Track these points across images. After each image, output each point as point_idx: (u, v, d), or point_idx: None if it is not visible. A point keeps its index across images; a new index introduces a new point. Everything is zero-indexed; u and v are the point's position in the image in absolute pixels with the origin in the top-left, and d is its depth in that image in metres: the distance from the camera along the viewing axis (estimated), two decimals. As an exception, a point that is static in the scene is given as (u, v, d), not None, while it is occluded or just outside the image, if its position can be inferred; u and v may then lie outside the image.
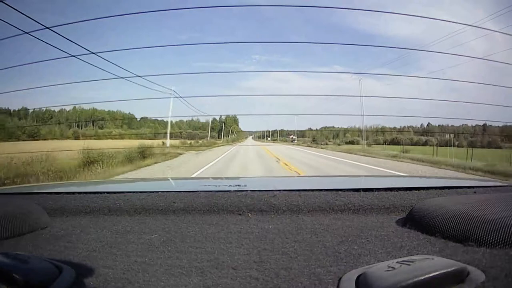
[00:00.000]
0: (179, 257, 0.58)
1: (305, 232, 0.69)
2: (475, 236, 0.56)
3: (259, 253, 0.59)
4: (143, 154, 12.32)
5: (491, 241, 0.54)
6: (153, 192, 0.94)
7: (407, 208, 0.78)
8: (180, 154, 15.68)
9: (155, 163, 11.91)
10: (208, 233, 0.70)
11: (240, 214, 0.82)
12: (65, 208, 0.88)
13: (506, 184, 1.17)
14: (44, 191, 1.02)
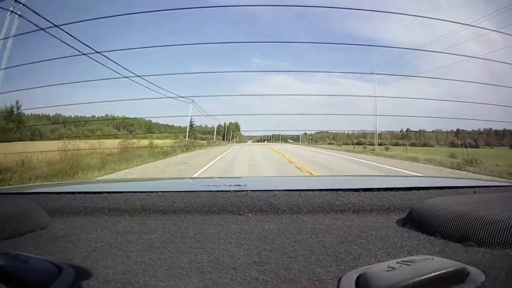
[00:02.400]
0: (179, 257, 0.58)
1: (305, 232, 0.69)
2: (475, 236, 0.56)
3: (259, 253, 0.59)
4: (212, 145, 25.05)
5: (491, 241, 0.54)
6: (153, 192, 0.94)
7: (407, 208, 0.78)
8: (225, 145, 28.13)
9: (225, 145, 25.48)
10: (208, 233, 0.70)
11: (240, 214, 0.82)
12: (65, 208, 0.87)
13: (506, 184, 1.17)
14: (44, 191, 1.02)
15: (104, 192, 0.95)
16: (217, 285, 0.48)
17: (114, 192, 0.95)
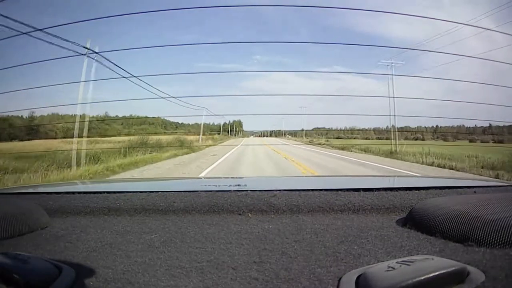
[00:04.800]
0: (179, 257, 0.58)
1: (305, 232, 0.69)
2: (475, 236, 0.56)
3: (259, 253, 0.59)
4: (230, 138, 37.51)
5: (491, 241, 0.54)
6: (153, 192, 0.94)
7: (407, 208, 0.78)
8: (238, 138, 36.56)
9: (237, 138, 39.78)
10: (208, 233, 0.70)
11: (240, 214, 0.82)
12: (65, 208, 0.87)
13: (506, 184, 1.17)
14: (44, 191, 1.02)
15: (104, 192, 0.95)
16: (217, 285, 0.48)
17: (114, 192, 0.95)
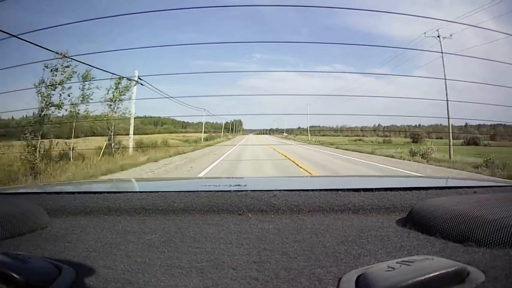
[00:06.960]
0: (179, 257, 0.58)
1: (305, 232, 0.69)
2: (475, 236, 0.56)
3: (259, 253, 0.59)
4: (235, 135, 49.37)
5: (491, 241, 0.54)
6: (153, 192, 0.94)
7: (407, 208, 0.78)
8: (241, 135, 48.75)
9: (241, 135, 54.35)
10: (208, 233, 0.70)
11: (240, 214, 0.82)
12: (65, 208, 0.87)
13: (506, 184, 1.17)
14: (44, 191, 1.02)
15: (104, 192, 0.95)
16: (217, 285, 0.48)
17: (114, 192, 0.95)
